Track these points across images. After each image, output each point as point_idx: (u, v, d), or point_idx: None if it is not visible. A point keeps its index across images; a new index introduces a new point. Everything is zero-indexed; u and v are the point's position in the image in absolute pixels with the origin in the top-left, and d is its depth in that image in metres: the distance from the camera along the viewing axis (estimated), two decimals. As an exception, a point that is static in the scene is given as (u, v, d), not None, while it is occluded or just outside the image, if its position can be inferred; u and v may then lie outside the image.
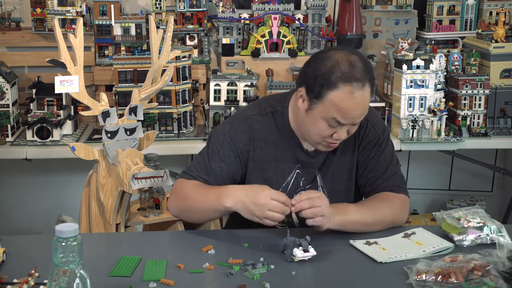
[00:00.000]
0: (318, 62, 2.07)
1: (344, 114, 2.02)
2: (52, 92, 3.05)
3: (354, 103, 2.00)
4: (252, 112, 2.26)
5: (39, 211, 3.92)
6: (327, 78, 2.00)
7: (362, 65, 2.02)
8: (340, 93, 1.99)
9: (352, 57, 2.03)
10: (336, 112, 2.01)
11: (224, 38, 3.61)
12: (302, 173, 2.22)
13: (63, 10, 3.55)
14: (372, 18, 3.68)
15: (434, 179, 4.21)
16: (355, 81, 1.99)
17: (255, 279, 1.80)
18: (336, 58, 2.02)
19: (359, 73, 2.00)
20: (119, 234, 2.45)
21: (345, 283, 1.85)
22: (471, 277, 1.76)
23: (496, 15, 3.65)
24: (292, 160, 2.21)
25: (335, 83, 1.99)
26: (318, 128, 2.07)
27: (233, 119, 2.28)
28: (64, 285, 1.42)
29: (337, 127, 2.06)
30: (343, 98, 2.00)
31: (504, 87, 3.41)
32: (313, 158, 2.22)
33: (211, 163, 2.21)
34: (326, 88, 2.01)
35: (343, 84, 1.99)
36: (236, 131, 2.21)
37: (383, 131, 2.28)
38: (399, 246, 2.01)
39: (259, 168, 2.21)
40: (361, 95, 2.00)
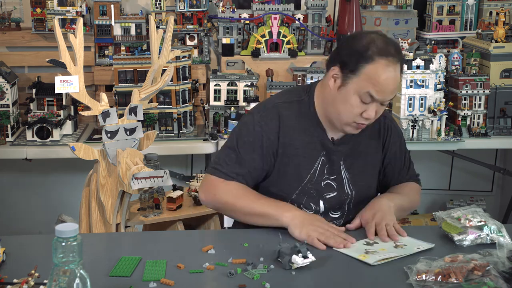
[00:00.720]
0: (353, 41, 2.15)
1: (379, 88, 2.07)
2: (52, 92, 3.05)
3: (389, 77, 2.07)
4: (278, 100, 2.29)
5: (39, 211, 3.92)
6: (364, 52, 2.08)
7: (395, 44, 2.13)
8: (377, 65, 2.06)
9: (386, 38, 2.14)
10: (371, 86, 2.07)
11: (224, 38, 3.61)
12: (327, 161, 2.24)
13: (63, 10, 3.55)
14: (372, 18, 3.68)
15: (434, 179, 4.21)
16: (390, 56, 2.07)
17: (255, 279, 1.80)
18: (371, 36, 2.11)
19: (393, 49, 2.09)
20: (119, 234, 2.45)
21: (345, 283, 1.85)
22: (471, 277, 1.75)
23: (496, 15, 3.65)
24: (318, 147, 2.23)
25: (372, 56, 2.06)
26: (350, 105, 2.11)
27: (259, 108, 2.29)
28: (64, 285, 1.42)
29: (368, 104, 2.10)
30: (379, 71, 2.06)
31: (504, 87, 3.41)
32: (338, 146, 2.25)
33: (243, 154, 2.19)
34: (363, 62, 2.07)
35: (379, 57, 2.06)
36: (266, 119, 2.22)
37: (399, 130, 2.44)
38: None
39: (287, 154, 2.21)
40: (395, 69, 2.08)
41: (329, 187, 2.25)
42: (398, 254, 1.95)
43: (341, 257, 1.96)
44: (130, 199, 2.59)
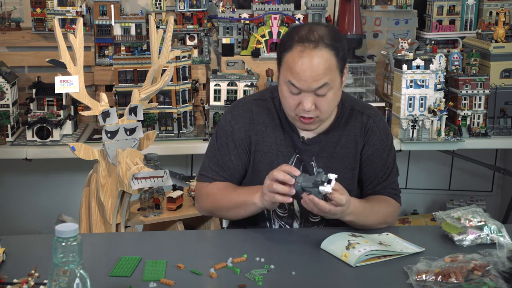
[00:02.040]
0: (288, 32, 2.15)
1: (296, 75, 2.04)
2: (52, 92, 3.05)
3: (303, 63, 2.02)
4: (252, 97, 2.32)
5: (39, 211, 3.92)
6: (286, 41, 2.07)
7: (325, 32, 2.05)
8: (293, 52, 2.04)
9: (318, 26, 2.08)
10: (290, 74, 2.05)
11: (224, 38, 3.61)
12: (301, 159, 2.22)
13: (63, 10, 3.55)
14: (372, 18, 3.68)
15: (434, 179, 4.21)
16: (307, 42, 2.02)
17: (256, 280, 1.80)
18: (300, 26, 2.10)
19: (314, 36, 2.03)
20: (119, 234, 2.45)
21: (345, 283, 1.85)
22: (471, 277, 1.76)
23: (496, 15, 3.65)
24: (291, 145, 2.22)
25: (291, 45, 2.05)
26: (284, 97, 2.11)
27: (233, 106, 2.31)
28: (64, 285, 1.42)
29: (300, 95, 2.07)
30: (294, 58, 2.04)
31: (504, 87, 3.41)
32: (308, 145, 2.22)
33: (221, 157, 2.24)
34: (284, 51, 2.07)
35: (296, 45, 2.04)
36: (237, 118, 2.24)
37: (387, 136, 2.28)
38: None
39: (261, 152, 2.22)
40: (311, 55, 2.02)
41: None
42: (379, 249, 1.94)
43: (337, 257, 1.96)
44: (130, 199, 2.59)
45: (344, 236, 2.02)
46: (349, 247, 1.94)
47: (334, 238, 2.01)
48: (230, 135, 2.24)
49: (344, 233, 2.04)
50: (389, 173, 2.27)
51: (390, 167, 2.28)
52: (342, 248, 1.94)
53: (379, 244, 1.99)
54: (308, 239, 2.04)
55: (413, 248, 2.00)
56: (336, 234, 2.03)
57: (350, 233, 2.05)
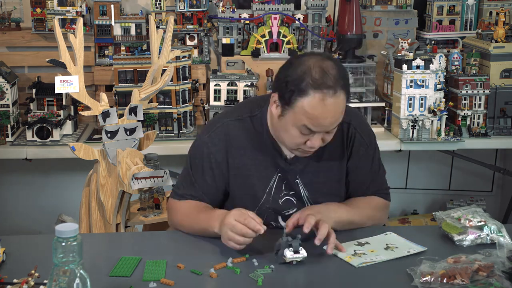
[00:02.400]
0: (290, 68, 2.00)
1: (315, 122, 1.97)
2: (52, 92, 3.05)
3: (325, 111, 1.95)
4: (229, 118, 2.21)
5: (39, 211, 3.92)
6: (298, 84, 1.95)
7: (336, 71, 1.96)
8: (311, 100, 1.94)
9: (326, 63, 1.97)
10: (306, 120, 1.96)
11: (224, 38, 3.61)
12: (283, 177, 2.18)
13: (63, 10, 3.55)
14: (372, 18, 3.68)
15: (434, 179, 4.21)
16: (326, 88, 1.93)
17: (259, 282, 1.80)
18: (309, 64, 1.97)
19: (330, 80, 1.94)
20: (119, 234, 2.45)
21: (348, 285, 1.85)
22: (477, 278, 1.75)
23: (496, 15, 3.65)
24: (272, 165, 2.17)
25: (305, 90, 1.94)
26: (291, 136, 2.03)
27: (210, 127, 2.23)
28: (64, 285, 1.42)
29: (310, 135, 2.01)
30: (314, 106, 1.94)
31: (504, 87, 3.41)
32: (291, 165, 2.17)
33: (195, 177, 2.19)
34: (297, 95, 1.95)
35: (313, 91, 1.93)
36: (214, 140, 2.17)
37: (370, 138, 2.25)
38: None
39: (241, 175, 2.17)
40: (333, 102, 1.94)
41: (289, 204, 2.20)
42: (386, 257, 1.94)
43: (343, 259, 1.96)
44: (130, 199, 2.59)
45: (350, 246, 2.01)
46: (355, 255, 1.94)
47: None
48: (207, 156, 2.17)
49: (350, 243, 2.03)
50: (376, 174, 2.27)
51: (376, 168, 2.27)
52: (349, 253, 1.96)
53: (386, 249, 1.99)
54: (310, 239, 2.04)
55: (417, 247, 2.00)
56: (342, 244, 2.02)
57: (356, 242, 2.04)
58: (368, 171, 2.25)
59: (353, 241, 2.05)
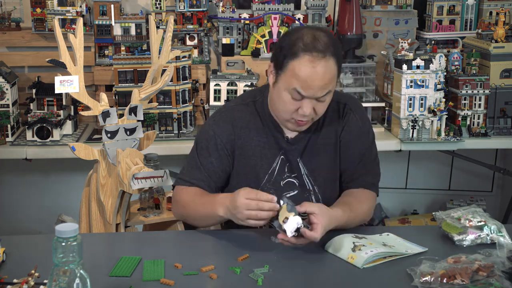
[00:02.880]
0: (283, 37, 2.14)
1: (304, 84, 2.04)
2: (52, 92, 3.05)
3: (314, 73, 2.03)
4: (233, 103, 2.33)
5: (39, 211, 3.92)
6: (290, 48, 2.05)
7: (327, 39, 2.06)
8: (301, 61, 2.03)
9: (318, 32, 2.08)
10: (296, 82, 2.05)
11: (224, 38, 3.61)
12: (286, 159, 2.25)
13: (63, 10, 3.55)
14: (372, 18, 3.68)
15: (434, 179, 4.21)
16: (315, 51, 2.03)
17: (259, 282, 1.80)
18: (302, 32, 2.08)
19: (320, 45, 2.04)
20: (119, 234, 2.45)
21: (348, 285, 1.85)
22: (477, 278, 1.75)
23: (496, 15, 3.65)
24: (275, 147, 2.24)
25: (296, 52, 2.04)
26: (283, 101, 2.11)
27: (216, 113, 2.34)
28: (64, 285, 1.42)
29: (301, 101, 2.08)
30: (303, 67, 2.03)
31: (504, 87, 3.41)
32: (293, 145, 2.24)
33: (201, 160, 2.26)
34: (288, 58, 2.05)
35: (303, 53, 2.03)
36: (219, 123, 2.26)
37: (364, 121, 2.32)
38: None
39: (244, 156, 2.24)
40: (322, 65, 2.03)
41: (290, 186, 2.25)
42: (386, 250, 1.94)
43: (344, 259, 1.95)
44: (130, 199, 2.59)
45: (348, 238, 2.01)
46: (355, 249, 1.94)
47: (338, 240, 2.01)
48: (212, 138, 2.25)
49: (348, 235, 2.04)
50: (367, 159, 2.28)
51: (368, 153, 2.29)
52: (348, 250, 1.95)
53: (383, 245, 1.99)
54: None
55: (416, 248, 2.00)
56: (339, 236, 2.02)
57: (354, 235, 2.05)
58: (358, 153, 2.27)
59: (351, 233, 2.05)
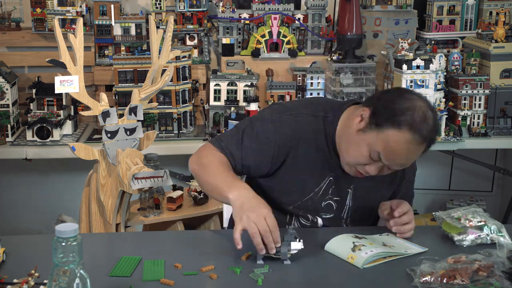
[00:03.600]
0: (398, 98, 2.04)
1: (390, 155, 2.00)
2: (52, 92, 3.05)
3: (405, 152, 2.01)
4: (305, 110, 2.20)
5: (39, 211, 3.92)
6: (399, 116, 1.98)
7: (433, 125, 2.01)
8: (400, 136, 1.97)
9: (429, 113, 2.01)
10: (383, 149, 2.00)
11: (224, 38, 3.61)
12: (334, 182, 2.19)
13: (63, 10, 3.55)
14: (372, 18, 3.68)
15: (434, 179, 4.21)
16: (418, 134, 1.98)
17: (259, 282, 1.80)
18: (416, 104, 2.00)
19: (426, 130, 1.99)
20: (119, 234, 2.45)
21: (348, 285, 1.85)
22: (477, 278, 1.75)
23: (496, 15, 3.65)
24: (328, 167, 2.17)
25: (401, 124, 1.97)
26: (359, 153, 2.05)
27: (283, 110, 2.21)
28: (64, 285, 1.42)
29: (375, 162, 2.04)
30: (399, 142, 1.98)
31: (504, 87, 3.41)
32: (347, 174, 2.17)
33: (244, 140, 2.15)
34: (391, 123, 1.98)
35: (407, 130, 1.97)
36: (284, 123, 2.16)
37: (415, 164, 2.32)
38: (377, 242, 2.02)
39: (297, 167, 2.16)
40: (415, 149, 2.01)
41: (329, 208, 2.21)
42: (386, 251, 1.94)
43: (344, 260, 1.95)
44: (130, 199, 2.59)
45: (348, 238, 2.01)
46: (355, 249, 1.93)
47: (338, 240, 2.00)
48: (268, 131, 2.15)
49: (348, 235, 2.04)
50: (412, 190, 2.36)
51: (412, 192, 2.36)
52: (348, 250, 1.94)
53: (383, 245, 1.99)
54: (310, 239, 2.03)
55: (416, 248, 2.00)
56: (339, 236, 2.02)
57: (353, 235, 2.04)
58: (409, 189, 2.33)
59: (351, 233, 2.05)
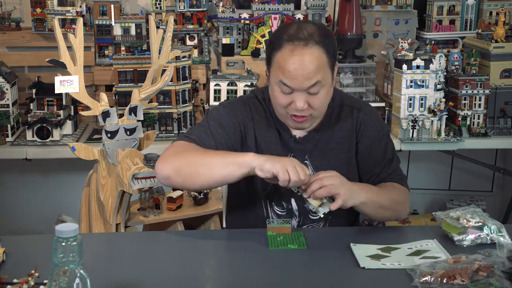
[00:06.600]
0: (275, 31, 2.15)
1: (288, 74, 2.01)
2: (52, 92, 3.05)
3: (295, 61, 2.00)
4: (245, 96, 2.30)
5: (39, 211, 3.92)
6: (275, 40, 2.05)
7: (314, 29, 2.03)
8: (283, 52, 2.02)
9: (306, 24, 2.07)
10: (281, 74, 2.02)
11: (224, 38, 3.61)
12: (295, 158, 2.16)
13: (63, 10, 3.55)
14: (372, 18, 3.68)
15: (434, 179, 4.21)
16: (297, 40, 2.01)
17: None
18: (290, 24, 2.08)
19: (303, 34, 2.01)
20: (119, 234, 2.45)
21: (347, 285, 1.85)
22: (477, 278, 1.75)
23: (496, 15, 3.65)
24: (285, 146, 2.20)
25: (280, 43, 2.03)
26: (275, 96, 2.08)
27: (231, 99, 2.32)
28: (64, 285, 1.42)
29: (292, 94, 2.05)
30: (284, 57, 2.01)
31: (504, 87, 3.41)
32: (300, 144, 2.19)
33: (212, 129, 2.16)
34: (274, 51, 2.05)
35: (286, 43, 2.02)
36: (237, 107, 2.21)
37: (382, 125, 2.28)
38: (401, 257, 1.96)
39: (260, 150, 2.17)
40: (302, 53, 2.00)
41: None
42: (408, 265, 1.88)
43: (344, 259, 1.95)
44: (130, 199, 2.59)
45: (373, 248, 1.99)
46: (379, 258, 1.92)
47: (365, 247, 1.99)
48: (227, 115, 2.18)
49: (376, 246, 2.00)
50: (391, 160, 2.25)
51: (390, 154, 2.26)
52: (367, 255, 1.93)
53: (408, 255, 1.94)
54: (309, 239, 2.04)
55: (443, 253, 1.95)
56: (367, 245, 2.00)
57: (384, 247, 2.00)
58: (382, 156, 2.23)
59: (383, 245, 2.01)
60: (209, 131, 2.15)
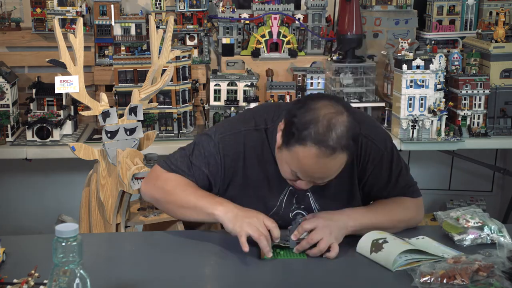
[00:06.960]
0: (302, 109, 1.91)
1: (304, 173, 1.93)
2: (52, 92, 3.05)
3: (317, 167, 1.89)
4: (245, 127, 2.14)
5: (39, 211, 3.92)
6: (301, 131, 1.87)
7: (343, 130, 1.86)
8: (306, 151, 1.86)
9: (336, 118, 1.86)
10: (297, 168, 1.92)
11: (224, 38, 3.61)
12: (295, 191, 2.13)
13: (63, 10, 3.55)
14: (372, 18, 3.68)
15: (434, 179, 4.21)
16: (324, 147, 1.84)
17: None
18: (320, 114, 1.87)
19: (332, 140, 1.84)
20: (119, 234, 2.45)
21: (348, 285, 1.85)
22: (477, 278, 1.75)
23: (496, 15, 3.65)
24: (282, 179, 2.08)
25: (305, 139, 1.86)
26: (283, 170, 2.00)
27: (225, 129, 2.16)
28: (64, 285, 1.42)
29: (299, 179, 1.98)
30: (307, 158, 1.87)
31: (504, 87, 3.41)
32: None
33: (194, 161, 2.12)
34: (296, 141, 1.88)
35: (311, 144, 1.85)
36: (228, 143, 2.11)
37: (385, 143, 2.17)
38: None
39: (252, 187, 2.12)
40: (327, 162, 1.87)
41: (299, 217, 2.11)
42: (421, 256, 1.89)
43: (344, 259, 1.95)
44: (130, 199, 2.59)
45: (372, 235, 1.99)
46: (377, 250, 1.91)
47: (363, 239, 1.98)
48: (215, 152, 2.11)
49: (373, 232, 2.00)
50: (398, 174, 2.18)
51: (397, 170, 2.18)
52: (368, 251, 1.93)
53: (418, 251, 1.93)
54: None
55: (452, 252, 1.95)
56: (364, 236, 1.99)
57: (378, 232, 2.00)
58: (388, 179, 2.16)
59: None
60: (190, 164, 2.12)
